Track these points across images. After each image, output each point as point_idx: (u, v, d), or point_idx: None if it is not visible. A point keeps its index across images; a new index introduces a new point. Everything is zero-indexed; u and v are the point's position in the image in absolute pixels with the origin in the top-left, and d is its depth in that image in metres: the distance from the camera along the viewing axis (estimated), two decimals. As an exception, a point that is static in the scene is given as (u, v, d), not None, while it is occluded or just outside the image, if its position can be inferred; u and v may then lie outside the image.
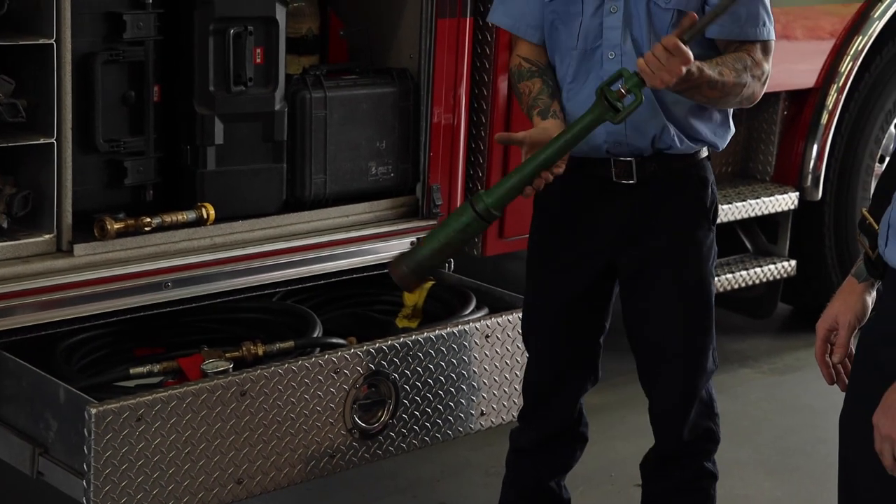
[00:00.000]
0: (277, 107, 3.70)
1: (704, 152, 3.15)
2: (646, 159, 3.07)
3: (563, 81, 3.11)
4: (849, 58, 4.99)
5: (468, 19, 3.98)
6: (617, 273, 3.19)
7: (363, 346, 3.50)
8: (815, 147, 5.00)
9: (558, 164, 2.93)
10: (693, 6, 2.98)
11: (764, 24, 3.02)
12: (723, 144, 3.16)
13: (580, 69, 3.06)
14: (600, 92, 2.88)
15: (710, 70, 2.90)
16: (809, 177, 5.02)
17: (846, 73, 4.99)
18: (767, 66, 3.04)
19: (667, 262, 3.12)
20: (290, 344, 3.53)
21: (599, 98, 2.88)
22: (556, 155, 2.90)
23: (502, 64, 4.05)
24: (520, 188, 2.95)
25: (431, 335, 3.63)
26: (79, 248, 3.35)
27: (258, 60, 3.64)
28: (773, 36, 3.05)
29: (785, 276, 5.05)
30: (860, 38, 4.99)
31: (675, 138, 3.05)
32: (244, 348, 3.49)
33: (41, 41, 3.20)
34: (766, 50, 3.04)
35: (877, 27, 5.01)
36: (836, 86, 4.99)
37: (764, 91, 3.06)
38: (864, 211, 2.51)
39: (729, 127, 3.17)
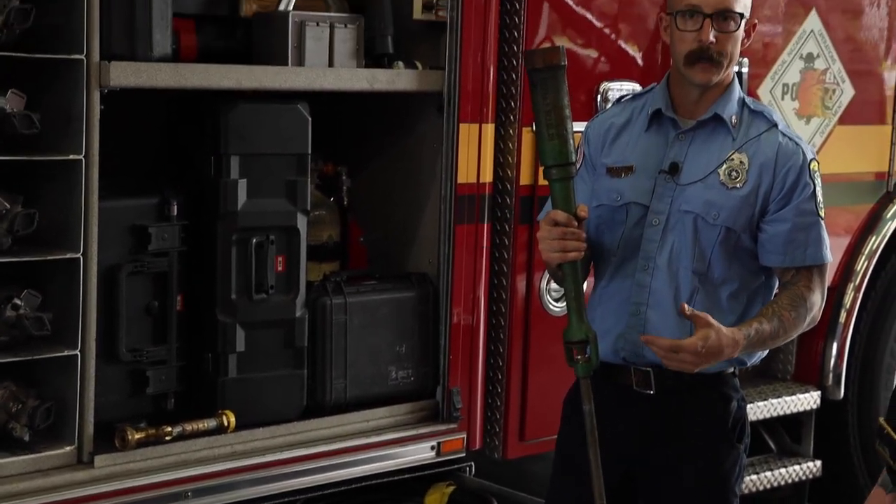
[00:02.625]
0: (298, 313, 3.74)
1: (730, 368, 3.08)
2: (664, 371, 3.01)
3: (597, 283, 3.13)
4: (863, 257, 5.04)
5: (486, 224, 4.05)
6: (636, 482, 3.13)
7: (385, 555, 3.46)
8: (835, 346, 5.00)
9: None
10: (741, 224, 2.97)
11: (826, 249, 3.01)
12: (752, 361, 3.09)
13: (615, 275, 3.07)
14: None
15: (768, 325, 2.92)
16: (830, 375, 5.00)
17: (862, 271, 5.03)
18: (824, 289, 3.03)
19: (682, 479, 3.04)
20: (311, 553, 3.49)
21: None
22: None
23: (520, 265, 4.11)
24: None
25: (454, 542, 3.59)
26: (99, 460, 3.34)
27: (280, 268, 3.70)
28: (830, 258, 3.03)
29: (811, 476, 4.98)
30: (874, 237, 5.05)
31: None
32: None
33: (69, 256, 3.26)
34: (823, 271, 3.03)
35: (890, 227, 5.08)
36: (852, 284, 5.02)
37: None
38: (882, 420, 2.50)
39: None
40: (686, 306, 2.87)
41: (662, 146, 3.05)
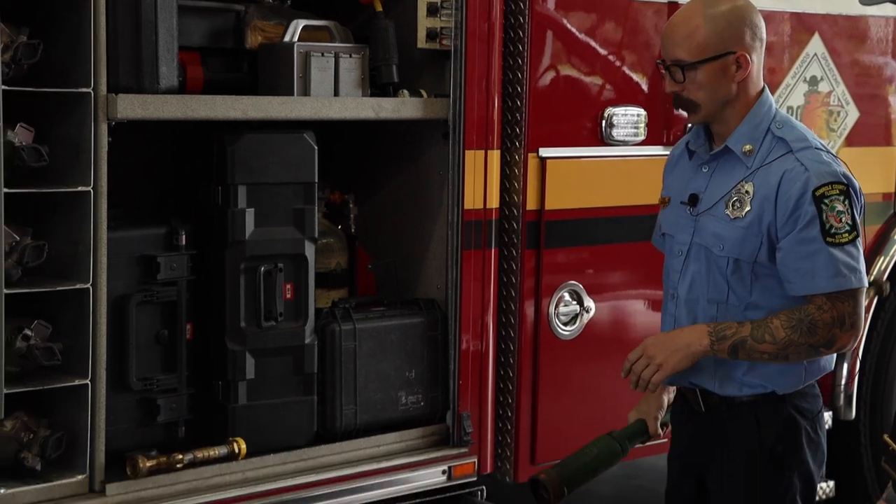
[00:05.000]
0: (307, 340, 3.77)
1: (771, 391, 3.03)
2: (710, 391, 3.06)
3: None
4: (872, 278, 5.03)
5: (493, 250, 4.08)
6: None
7: (396, 581, 3.47)
8: (846, 366, 4.98)
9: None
10: (748, 255, 2.95)
11: (840, 274, 2.88)
12: (785, 389, 3.02)
13: (663, 304, 3.17)
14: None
15: (749, 327, 2.89)
16: (842, 396, 4.99)
17: (871, 294, 5.02)
18: (849, 314, 2.89)
19: (726, 500, 3.07)
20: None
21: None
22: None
23: (528, 289, 4.13)
24: (638, 441, 3.35)
25: (466, 564, 3.60)
26: (111, 488, 3.37)
27: (288, 296, 3.73)
28: (856, 283, 2.90)
29: (824, 497, 4.97)
30: (882, 258, 5.04)
31: (716, 383, 3.03)
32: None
33: (78, 286, 3.30)
34: (848, 296, 2.89)
35: (898, 247, 5.09)
36: (862, 305, 5.02)
37: (855, 339, 2.93)
38: (887, 437, 2.50)
39: (798, 371, 3.02)
40: None
41: (691, 178, 3.09)
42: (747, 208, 2.95)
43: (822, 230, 2.89)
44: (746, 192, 2.96)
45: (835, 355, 3.06)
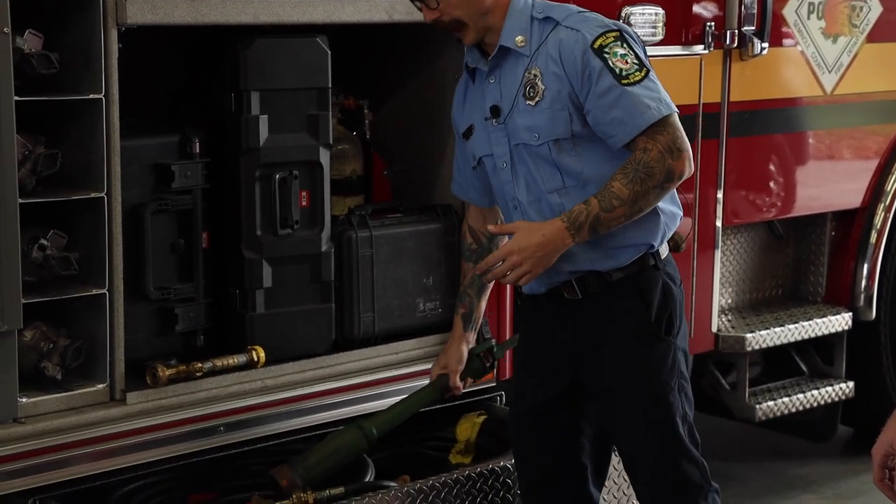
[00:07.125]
0: (324, 248, 3.75)
1: (648, 258, 3.11)
2: (584, 276, 3.11)
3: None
4: (894, 177, 4.99)
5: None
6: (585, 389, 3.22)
7: (416, 485, 3.48)
8: (866, 266, 4.97)
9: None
10: (563, 130, 3.04)
11: (648, 108, 2.97)
12: (658, 239, 3.11)
13: (506, 219, 3.23)
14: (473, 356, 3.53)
15: (595, 200, 2.95)
16: (862, 296, 4.98)
17: (892, 191, 4.98)
18: (671, 141, 2.97)
19: (613, 379, 3.13)
20: (340, 490, 3.49)
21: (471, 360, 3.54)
22: (432, 401, 3.49)
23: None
24: (402, 419, 3.52)
25: (485, 470, 3.61)
26: (131, 397, 3.37)
27: (304, 203, 3.70)
28: (665, 111, 2.98)
29: (843, 398, 4.98)
30: (903, 156, 5.01)
31: (590, 261, 3.09)
32: (294, 497, 3.44)
33: (93, 195, 3.27)
34: (663, 125, 2.97)
35: (920, 146, 5.02)
36: (882, 205, 4.97)
37: (689, 162, 2.99)
38: None
39: (659, 218, 3.10)
40: (490, 228, 3.09)
41: (484, 96, 3.16)
42: (542, 88, 3.04)
43: (614, 76, 2.98)
44: (535, 75, 3.06)
45: (677, 200, 3.15)
